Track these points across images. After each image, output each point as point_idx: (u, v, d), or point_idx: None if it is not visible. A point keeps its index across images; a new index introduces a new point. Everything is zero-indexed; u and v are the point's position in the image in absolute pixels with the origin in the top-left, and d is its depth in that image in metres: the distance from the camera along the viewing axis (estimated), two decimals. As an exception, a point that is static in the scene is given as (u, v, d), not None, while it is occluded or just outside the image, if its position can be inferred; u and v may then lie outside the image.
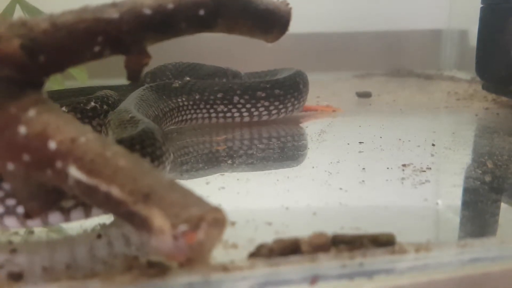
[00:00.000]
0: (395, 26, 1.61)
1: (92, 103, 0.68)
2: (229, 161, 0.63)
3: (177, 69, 0.89)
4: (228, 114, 0.80)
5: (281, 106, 0.82)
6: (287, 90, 0.81)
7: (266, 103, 0.80)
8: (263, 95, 0.80)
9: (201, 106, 0.79)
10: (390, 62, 1.61)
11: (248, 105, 0.80)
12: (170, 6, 0.36)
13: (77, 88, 0.85)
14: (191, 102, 0.78)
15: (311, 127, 0.84)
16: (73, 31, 0.34)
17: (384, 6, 1.59)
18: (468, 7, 1.27)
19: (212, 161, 0.64)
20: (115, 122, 0.55)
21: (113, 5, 0.35)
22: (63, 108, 0.65)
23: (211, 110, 0.79)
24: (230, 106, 0.79)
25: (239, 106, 0.80)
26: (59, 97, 0.75)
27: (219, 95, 0.79)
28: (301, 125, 0.85)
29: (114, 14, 0.35)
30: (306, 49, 1.52)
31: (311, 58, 1.53)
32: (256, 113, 0.81)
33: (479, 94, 1.07)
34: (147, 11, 0.35)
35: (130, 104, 0.63)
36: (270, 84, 0.81)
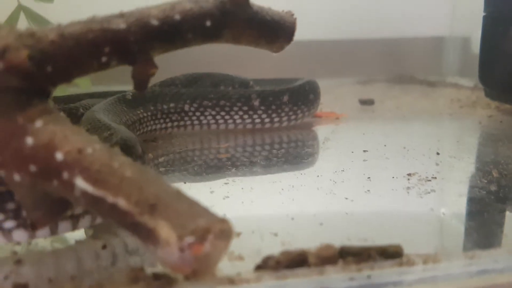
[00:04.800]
0: (398, 33, 1.61)
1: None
2: (233, 169, 0.63)
3: (187, 78, 0.90)
4: (230, 121, 0.80)
5: (291, 113, 0.82)
6: (297, 98, 0.82)
7: (286, 109, 0.81)
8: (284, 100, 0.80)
9: (206, 113, 0.79)
10: (393, 68, 1.61)
11: (267, 112, 0.80)
12: (177, 17, 0.36)
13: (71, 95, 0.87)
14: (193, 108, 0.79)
15: (314, 134, 0.84)
16: (80, 41, 0.34)
17: (387, 13, 1.60)
18: (470, 14, 1.28)
19: (216, 169, 0.64)
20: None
21: (121, 15, 0.35)
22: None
23: (217, 117, 0.80)
24: (250, 112, 0.80)
25: (239, 113, 0.80)
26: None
27: (221, 102, 0.79)
28: (304, 132, 0.85)
29: (121, 25, 0.35)
30: (309, 56, 1.53)
31: (314, 64, 1.54)
32: (277, 119, 0.81)
33: (482, 101, 1.07)
34: (154, 22, 0.35)
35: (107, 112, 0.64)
36: (284, 92, 0.81)
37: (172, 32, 0.36)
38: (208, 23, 0.37)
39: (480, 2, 0.97)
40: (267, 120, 0.81)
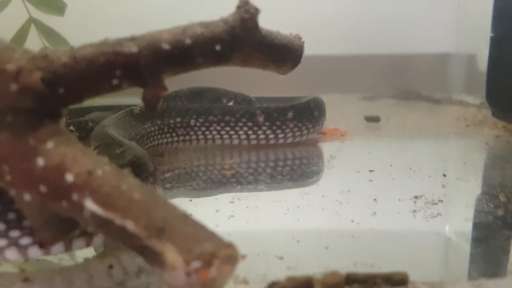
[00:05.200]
0: (403, 49, 1.62)
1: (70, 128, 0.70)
2: (238, 186, 0.63)
3: (191, 92, 0.91)
4: (235, 136, 0.80)
5: (295, 130, 0.83)
6: (302, 115, 0.82)
7: (291, 125, 0.81)
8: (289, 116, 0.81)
9: (211, 128, 0.80)
10: (398, 84, 1.61)
11: (272, 128, 0.80)
12: (188, 41, 0.36)
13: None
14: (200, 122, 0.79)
15: (320, 151, 0.84)
16: (92, 64, 0.35)
17: (393, 28, 1.61)
18: (476, 31, 1.28)
19: (221, 186, 0.64)
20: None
21: (132, 39, 0.36)
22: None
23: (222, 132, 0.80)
24: (255, 128, 0.80)
25: (244, 128, 0.80)
26: None
27: (226, 118, 0.80)
28: (310, 149, 0.85)
29: (133, 49, 0.35)
30: (314, 71, 1.53)
31: (319, 80, 1.54)
32: (281, 135, 0.81)
33: (489, 121, 1.07)
34: (166, 46, 0.36)
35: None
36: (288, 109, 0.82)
37: (182, 56, 0.37)
38: (218, 47, 0.38)
39: (486, 19, 0.98)
40: (271, 136, 0.81)
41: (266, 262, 0.40)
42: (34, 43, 1.02)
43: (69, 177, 0.32)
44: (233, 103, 0.89)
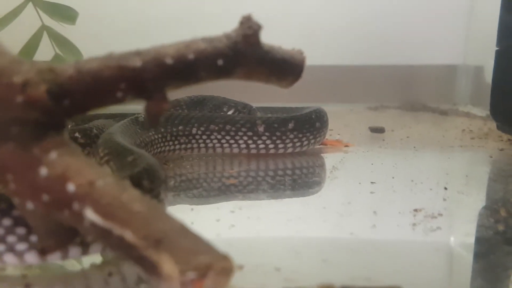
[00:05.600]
0: (410, 60, 1.62)
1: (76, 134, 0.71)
2: (240, 196, 0.63)
3: (192, 100, 0.92)
4: (235, 145, 0.81)
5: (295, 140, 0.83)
6: (303, 126, 0.83)
7: (291, 136, 0.82)
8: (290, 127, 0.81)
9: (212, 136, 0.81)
10: (405, 95, 1.61)
11: (272, 138, 0.81)
12: (191, 56, 0.37)
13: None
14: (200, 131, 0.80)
15: (322, 162, 0.84)
16: (97, 77, 0.36)
17: (400, 39, 1.61)
18: (484, 42, 1.28)
19: (223, 195, 0.65)
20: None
21: (137, 53, 0.37)
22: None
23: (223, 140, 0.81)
24: (254, 138, 0.81)
25: (244, 137, 0.81)
26: None
27: (227, 127, 0.80)
28: (313, 159, 0.85)
29: (137, 63, 0.36)
30: (320, 81, 1.54)
31: (325, 90, 1.55)
32: (281, 145, 0.82)
33: (494, 134, 1.06)
34: (169, 61, 0.37)
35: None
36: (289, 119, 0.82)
37: (186, 71, 0.38)
38: (220, 62, 0.39)
39: (494, 31, 0.98)
40: (271, 146, 0.82)
41: (264, 274, 0.41)
42: (46, 50, 1.04)
43: (71, 187, 0.33)
44: (234, 112, 0.90)
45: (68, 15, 1.03)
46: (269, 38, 0.42)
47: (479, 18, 1.53)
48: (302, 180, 0.73)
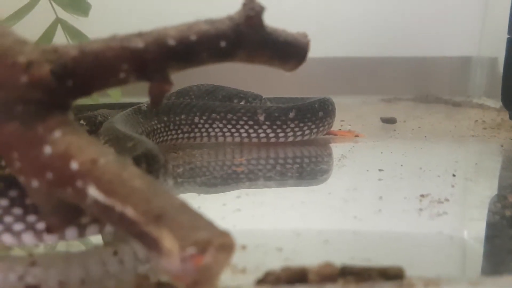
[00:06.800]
0: (424, 52, 1.60)
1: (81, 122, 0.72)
2: (247, 183, 0.64)
3: (200, 89, 0.92)
4: (236, 134, 0.82)
5: (304, 129, 0.83)
6: (304, 115, 0.82)
7: (292, 125, 0.82)
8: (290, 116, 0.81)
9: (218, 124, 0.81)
10: (418, 87, 1.59)
11: (272, 127, 0.81)
12: (193, 37, 0.37)
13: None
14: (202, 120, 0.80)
15: (332, 151, 0.84)
16: (100, 58, 0.36)
17: (414, 31, 1.59)
18: (498, 34, 1.26)
19: (231, 182, 0.66)
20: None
21: (139, 35, 0.37)
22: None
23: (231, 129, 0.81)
24: (255, 127, 0.81)
25: (245, 126, 0.81)
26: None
27: (228, 116, 0.81)
28: (322, 148, 0.85)
29: (140, 44, 0.37)
30: (334, 73, 1.53)
31: (339, 82, 1.54)
32: (282, 134, 0.82)
33: (507, 124, 1.05)
34: (171, 42, 0.37)
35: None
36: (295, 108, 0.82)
37: (188, 52, 0.38)
38: (223, 44, 0.39)
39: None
40: (272, 135, 0.82)
41: (265, 253, 0.41)
42: (60, 43, 1.06)
43: (74, 165, 0.34)
44: (244, 102, 0.90)
45: (81, 7, 1.04)
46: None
47: (494, 9, 1.51)
48: (310, 168, 0.73)
